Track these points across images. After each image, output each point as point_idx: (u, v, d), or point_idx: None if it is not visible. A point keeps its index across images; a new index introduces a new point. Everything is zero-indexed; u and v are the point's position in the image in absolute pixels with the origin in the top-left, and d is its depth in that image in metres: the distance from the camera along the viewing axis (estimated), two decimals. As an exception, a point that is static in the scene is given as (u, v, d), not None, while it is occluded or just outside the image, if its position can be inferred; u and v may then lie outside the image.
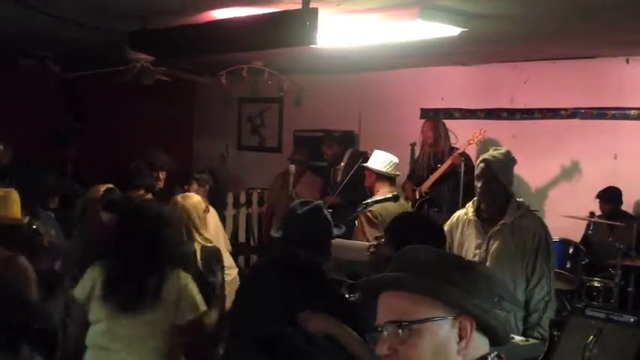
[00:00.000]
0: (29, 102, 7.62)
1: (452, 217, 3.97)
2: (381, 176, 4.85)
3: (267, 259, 3.43)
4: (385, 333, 1.44)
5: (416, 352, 1.42)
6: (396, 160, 4.94)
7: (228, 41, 4.02)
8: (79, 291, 3.24)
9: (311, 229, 3.00)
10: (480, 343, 1.47)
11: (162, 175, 6.07)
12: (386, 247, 2.98)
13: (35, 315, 3.36)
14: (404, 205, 5.10)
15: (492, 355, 1.47)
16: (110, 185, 4.15)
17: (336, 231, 3.14)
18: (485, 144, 6.09)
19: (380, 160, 4.89)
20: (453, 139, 6.30)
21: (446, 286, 1.44)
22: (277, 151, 8.72)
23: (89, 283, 3.22)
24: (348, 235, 4.03)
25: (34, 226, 3.83)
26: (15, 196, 3.60)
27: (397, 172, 4.99)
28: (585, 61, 6.23)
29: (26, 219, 3.67)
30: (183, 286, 3.25)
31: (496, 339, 1.49)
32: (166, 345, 3.22)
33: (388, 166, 4.86)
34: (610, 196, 5.88)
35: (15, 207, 3.57)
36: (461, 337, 1.44)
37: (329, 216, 3.10)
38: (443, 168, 6.07)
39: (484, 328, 1.47)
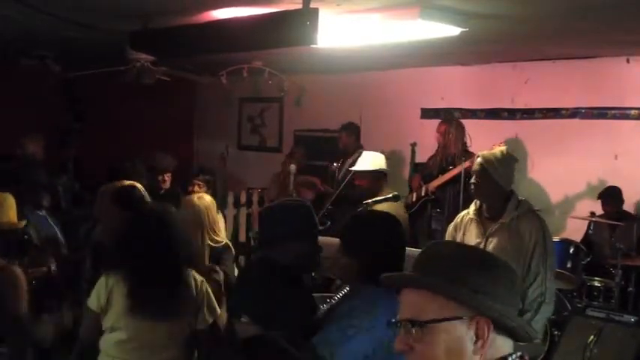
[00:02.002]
0: (30, 101, 7.61)
1: (456, 218, 3.95)
2: (377, 175, 4.78)
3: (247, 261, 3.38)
4: (402, 330, 1.45)
5: (430, 350, 1.42)
6: (382, 155, 4.84)
7: (229, 41, 4.01)
8: (94, 302, 3.02)
9: (271, 229, 2.88)
10: (501, 343, 1.45)
11: (167, 177, 6.07)
12: (345, 258, 2.64)
13: (21, 327, 3.29)
14: (402, 205, 5.06)
15: (514, 355, 1.45)
16: (126, 182, 4.11)
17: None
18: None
19: (371, 160, 4.79)
20: (468, 141, 6.06)
21: (461, 288, 1.42)
22: (277, 151, 8.72)
23: (104, 293, 3.00)
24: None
25: (26, 237, 3.79)
26: (11, 201, 3.60)
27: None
28: (586, 61, 6.23)
29: (22, 223, 3.65)
30: (205, 289, 3.13)
31: (517, 339, 1.48)
32: (183, 353, 3.09)
33: (381, 163, 4.79)
34: (611, 196, 5.88)
35: (11, 212, 3.56)
36: (478, 337, 1.42)
37: (301, 214, 2.91)
38: (454, 172, 5.87)
39: (504, 329, 1.45)
